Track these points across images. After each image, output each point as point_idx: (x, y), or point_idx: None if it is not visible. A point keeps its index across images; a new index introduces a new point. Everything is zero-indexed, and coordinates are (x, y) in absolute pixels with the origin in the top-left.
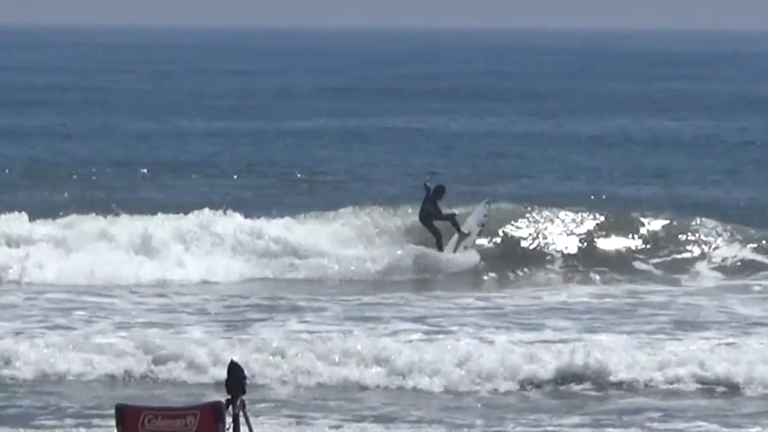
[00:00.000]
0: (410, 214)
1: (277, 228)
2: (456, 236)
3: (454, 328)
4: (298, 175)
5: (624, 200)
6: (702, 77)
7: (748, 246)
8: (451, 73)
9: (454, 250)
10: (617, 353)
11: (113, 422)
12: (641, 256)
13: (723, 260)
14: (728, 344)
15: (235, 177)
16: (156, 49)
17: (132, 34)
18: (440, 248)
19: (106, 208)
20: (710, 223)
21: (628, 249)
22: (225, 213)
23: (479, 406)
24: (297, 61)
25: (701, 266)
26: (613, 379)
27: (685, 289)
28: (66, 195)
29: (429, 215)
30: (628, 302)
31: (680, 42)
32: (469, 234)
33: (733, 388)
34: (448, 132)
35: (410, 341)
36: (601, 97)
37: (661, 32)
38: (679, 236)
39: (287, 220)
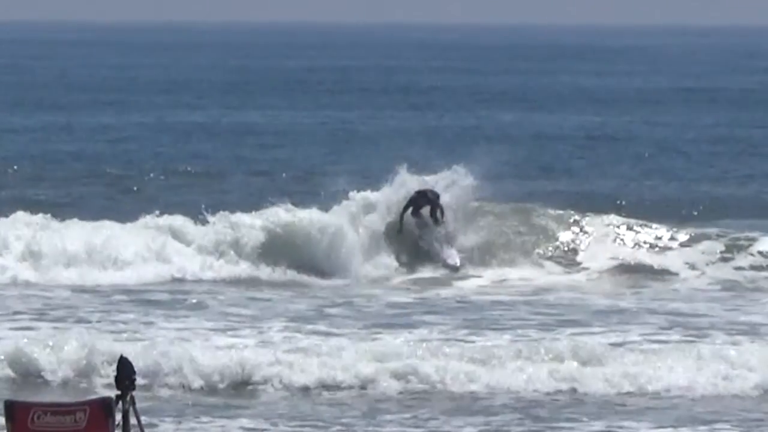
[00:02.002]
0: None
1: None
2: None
3: None
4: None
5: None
6: (582, 71)
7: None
8: (323, 67)
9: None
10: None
11: (2, 419)
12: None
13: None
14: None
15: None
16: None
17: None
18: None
19: None
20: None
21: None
22: None
23: None
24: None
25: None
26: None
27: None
28: None
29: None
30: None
31: (564, 36)
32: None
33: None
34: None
35: None
36: (480, 91)
37: (553, 27)
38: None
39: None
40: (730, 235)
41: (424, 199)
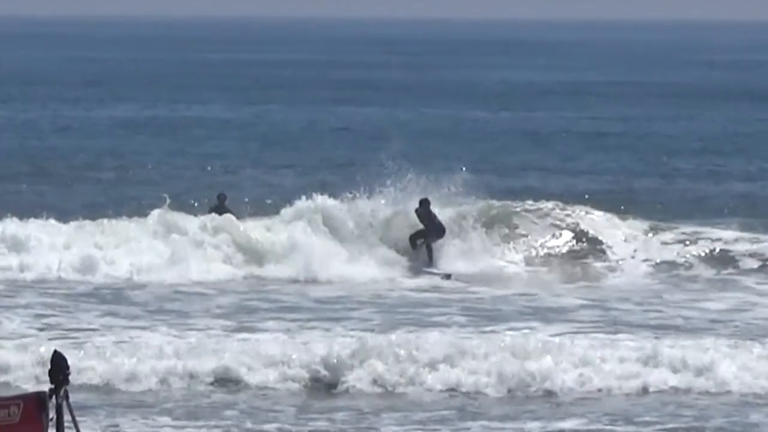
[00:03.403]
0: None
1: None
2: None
3: None
4: None
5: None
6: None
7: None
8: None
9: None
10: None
11: None
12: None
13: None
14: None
15: None
16: None
17: None
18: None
19: None
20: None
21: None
22: None
23: None
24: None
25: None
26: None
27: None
28: None
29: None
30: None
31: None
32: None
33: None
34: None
35: None
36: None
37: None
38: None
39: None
40: (673, 228)
41: (426, 206)
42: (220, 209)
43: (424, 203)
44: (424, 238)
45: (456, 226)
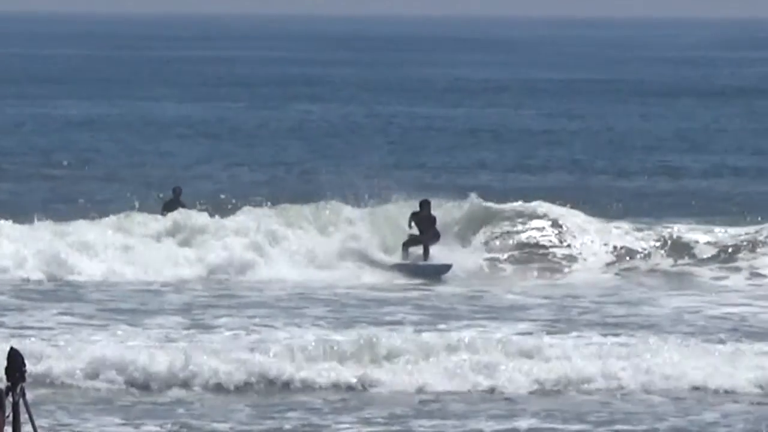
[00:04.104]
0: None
1: None
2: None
3: None
4: None
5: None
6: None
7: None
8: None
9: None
10: None
11: None
12: None
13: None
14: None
15: None
16: None
17: None
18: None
19: None
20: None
21: None
22: None
23: None
24: None
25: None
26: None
27: None
28: None
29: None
30: None
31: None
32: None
33: None
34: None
35: None
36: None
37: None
38: None
39: None
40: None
41: (427, 207)
42: (175, 203)
43: (425, 205)
44: (420, 241)
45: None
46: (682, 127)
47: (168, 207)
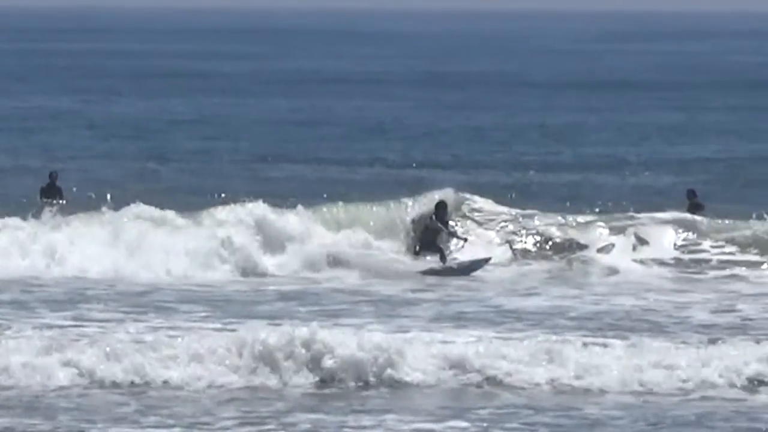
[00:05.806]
0: None
1: None
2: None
3: None
4: None
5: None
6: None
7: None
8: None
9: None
10: None
11: None
12: None
13: None
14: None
15: None
16: None
17: None
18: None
19: None
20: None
21: None
22: None
23: None
24: None
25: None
26: None
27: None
28: None
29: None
30: None
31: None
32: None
33: None
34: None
35: None
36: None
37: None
38: None
39: None
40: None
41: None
42: (51, 187)
43: (441, 206)
44: (435, 243)
45: None
46: (579, 120)
47: (45, 192)
